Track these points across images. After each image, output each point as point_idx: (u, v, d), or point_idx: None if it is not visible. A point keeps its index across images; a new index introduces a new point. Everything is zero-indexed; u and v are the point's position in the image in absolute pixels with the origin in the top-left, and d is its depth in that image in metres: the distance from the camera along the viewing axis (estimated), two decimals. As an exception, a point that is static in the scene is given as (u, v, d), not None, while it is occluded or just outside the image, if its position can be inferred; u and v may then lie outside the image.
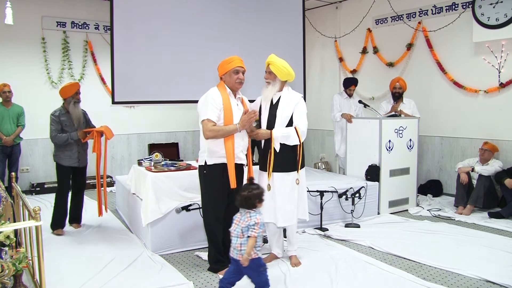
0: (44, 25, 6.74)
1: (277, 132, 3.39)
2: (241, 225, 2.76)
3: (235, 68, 3.37)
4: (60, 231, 4.49)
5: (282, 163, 3.42)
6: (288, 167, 3.44)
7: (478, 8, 5.44)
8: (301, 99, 3.52)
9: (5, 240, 2.51)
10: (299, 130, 3.40)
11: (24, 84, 6.51)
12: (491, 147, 5.24)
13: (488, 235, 4.31)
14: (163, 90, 5.21)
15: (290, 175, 3.45)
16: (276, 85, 3.48)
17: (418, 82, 6.34)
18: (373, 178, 5.11)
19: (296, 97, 3.50)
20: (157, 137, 7.85)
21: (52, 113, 4.49)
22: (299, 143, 3.42)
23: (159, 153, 4.65)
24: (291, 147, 3.43)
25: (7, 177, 5.81)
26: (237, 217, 2.84)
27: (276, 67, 3.42)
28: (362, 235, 4.30)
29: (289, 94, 3.50)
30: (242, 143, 3.44)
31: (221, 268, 3.38)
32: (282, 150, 3.41)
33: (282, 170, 3.43)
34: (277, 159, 3.41)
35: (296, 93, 3.57)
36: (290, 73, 3.47)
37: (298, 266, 3.54)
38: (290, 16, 6.15)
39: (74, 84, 4.63)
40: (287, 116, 3.43)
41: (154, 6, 5.10)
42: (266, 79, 3.52)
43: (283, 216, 3.46)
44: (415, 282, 3.20)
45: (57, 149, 4.52)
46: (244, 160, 3.48)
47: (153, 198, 3.89)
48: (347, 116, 5.53)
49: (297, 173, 3.47)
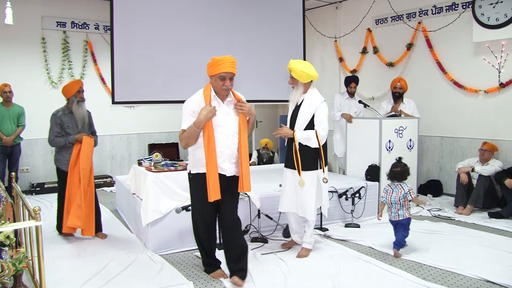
0: (44, 25, 6.75)
1: (299, 134, 3.64)
2: (397, 195, 3.78)
3: (221, 74, 3.08)
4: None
5: (302, 162, 3.64)
6: (308, 166, 3.65)
7: (478, 8, 5.44)
8: (322, 103, 3.67)
9: (5, 240, 2.50)
10: (319, 135, 3.62)
11: (24, 84, 6.51)
12: (491, 147, 5.24)
13: (488, 235, 4.30)
14: (163, 90, 5.21)
15: (309, 173, 3.67)
16: (300, 88, 3.70)
17: (418, 82, 6.34)
18: (373, 178, 5.11)
19: (317, 100, 3.67)
20: (157, 137, 7.86)
21: (54, 113, 4.26)
22: (319, 146, 3.62)
23: (159, 153, 4.63)
24: (311, 148, 3.64)
25: (7, 177, 5.81)
26: (389, 190, 3.85)
27: (295, 73, 3.63)
28: (362, 235, 4.30)
29: (311, 97, 3.68)
30: (228, 152, 3.15)
31: (211, 270, 3.37)
32: (303, 150, 3.65)
33: (303, 169, 3.65)
34: (301, 158, 3.65)
35: (319, 96, 3.71)
36: (310, 74, 3.63)
37: (302, 258, 3.71)
38: (290, 16, 6.15)
39: (76, 81, 4.40)
40: (306, 119, 3.64)
41: (154, 6, 5.10)
42: (290, 84, 3.76)
43: (302, 208, 3.73)
44: (415, 282, 3.19)
45: (57, 153, 4.32)
46: (231, 171, 3.18)
47: (153, 198, 3.89)
48: (347, 116, 5.53)
49: (322, 172, 3.69)
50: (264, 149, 7.24)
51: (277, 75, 5.89)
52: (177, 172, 4.09)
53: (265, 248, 3.95)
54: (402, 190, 3.79)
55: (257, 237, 4.17)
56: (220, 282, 3.26)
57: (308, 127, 3.65)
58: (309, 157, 3.65)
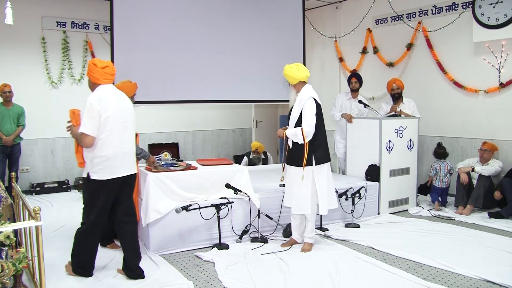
0: (44, 25, 6.74)
1: (288, 131, 3.85)
2: (445, 168, 5.38)
3: None
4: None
5: (292, 158, 3.85)
6: (296, 162, 3.81)
7: (478, 8, 5.44)
8: (308, 99, 3.78)
9: (5, 240, 2.51)
10: (304, 131, 3.72)
11: (24, 84, 6.51)
12: (490, 147, 5.24)
13: (488, 235, 4.31)
14: (163, 90, 5.22)
15: (297, 169, 3.81)
16: (292, 89, 3.92)
17: (418, 82, 6.34)
18: (373, 178, 5.11)
19: (304, 97, 3.79)
20: (157, 137, 7.86)
21: None
22: (304, 142, 3.71)
23: (168, 152, 4.51)
24: (302, 145, 3.76)
25: (7, 177, 5.81)
26: (438, 165, 5.43)
27: (286, 77, 3.89)
28: (362, 235, 4.30)
29: (301, 95, 3.83)
30: (118, 149, 3.16)
31: None
32: (296, 147, 3.80)
33: (292, 164, 3.86)
34: (290, 154, 3.89)
35: (307, 93, 3.82)
36: (296, 76, 3.82)
37: (306, 252, 3.85)
38: (290, 16, 6.15)
39: (134, 84, 4.08)
40: (295, 116, 3.81)
41: (154, 6, 5.10)
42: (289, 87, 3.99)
43: (296, 205, 3.88)
44: (415, 282, 3.20)
45: None
46: (128, 170, 3.24)
47: (153, 198, 3.89)
48: (347, 116, 5.52)
49: (302, 170, 3.75)
50: (254, 153, 6.86)
51: (277, 75, 5.88)
52: (177, 172, 4.09)
53: (265, 248, 3.96)
54: (447, 165, 5.37)
55: (257, 237, 4.17)
56: (220, 282, 3.26)
57: (297, 124, 3.79)
58: (299, 154, 3.78)
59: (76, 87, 7.00)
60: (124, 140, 3.21)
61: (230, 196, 4.17)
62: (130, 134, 3.28)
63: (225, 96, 5.73)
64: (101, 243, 3.87)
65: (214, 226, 4.05)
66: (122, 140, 3.19)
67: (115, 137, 3.14)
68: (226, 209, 4.09)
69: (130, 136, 3.29)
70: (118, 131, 3.15)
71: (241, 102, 6.41)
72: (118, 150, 3.16)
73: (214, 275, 3.40)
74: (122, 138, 3.19)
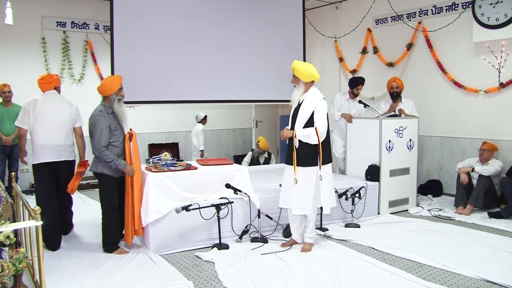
0: (44, 25, 6.74)
1: (299, 132, 3.74)
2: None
3: None
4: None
5: (301, 159, 3.76)
6: (306, 162, 3.76)
7: (478, 8, 5.44)
8: (321, 100, 3.78)
9: (5, 240, 2.51)
10: (319, 131, 3.70)
11: (24, 84, 6.49)
12: (490, 147, 5.24)
13: (488, 235, 4.31)
14: (163, 90, 5.21)
15: (307, 169, 3.77)
16: (301, 87, 3.84)
17: (418, 82, 6.34)
18: (373, 178, 5.11)
19: (316, 98, 3.78)
20: (157, 137, 7.86)
21: (98, 114, 3.76)
22: (318, 142, 3.70)
23: (168, 152, 4.49)
24: (311, 145, 3.73)
25: (7, 177, 5.81)
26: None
27: (298, 72, 3.79)
28: (362, 235, 4.30)
29: (311, 95, 3.80)
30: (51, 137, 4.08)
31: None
32: (303, 147, 3.75)
33: (300, 165, 3.77)
34: (298, 155, 3.77)
35: (319, 94, 3.82)
36: (312, 74, 3.79)
37: (306, 252, 3.83)
38: (290, 16, 6.15)
39: (117, 77, 3.94)
40: (306, 116, 3.76)
41: (154, 6, 5.10)
42: (292, 83, 3.91)
43: (297, 205, 3.82)
44: (415, 282, 3.19)
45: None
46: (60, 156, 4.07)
47: (153, 198, 3.89)
48: (347, 116, 5.51)
49: (319, 169, 3.76)
50: (257, 147, 6.82)
51: (277, 75, 5.89)
52: (177, 172, 4.09)
53: (265, 248, 3.96)
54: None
55: (257, 237, 4.17)
56: (220, 282, 3.26)
57: (307, 125, 3.75)
58: (308, 154, 3.76)
59: (76, 87, 7.01)
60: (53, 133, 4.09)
61: (230, 196, 4.17)
62: (59, 129, 4.12)
63: (225, 96, 5.73)
64: (107, 250, 3.88)
65: (214, 226, 4.05)
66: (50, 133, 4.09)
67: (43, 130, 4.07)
68: (226, 209, 4.09)
69: (59, 130, 4.12)
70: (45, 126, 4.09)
71: (241, 102, 6.41)
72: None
73: (214, 275, 3.40)
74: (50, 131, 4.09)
